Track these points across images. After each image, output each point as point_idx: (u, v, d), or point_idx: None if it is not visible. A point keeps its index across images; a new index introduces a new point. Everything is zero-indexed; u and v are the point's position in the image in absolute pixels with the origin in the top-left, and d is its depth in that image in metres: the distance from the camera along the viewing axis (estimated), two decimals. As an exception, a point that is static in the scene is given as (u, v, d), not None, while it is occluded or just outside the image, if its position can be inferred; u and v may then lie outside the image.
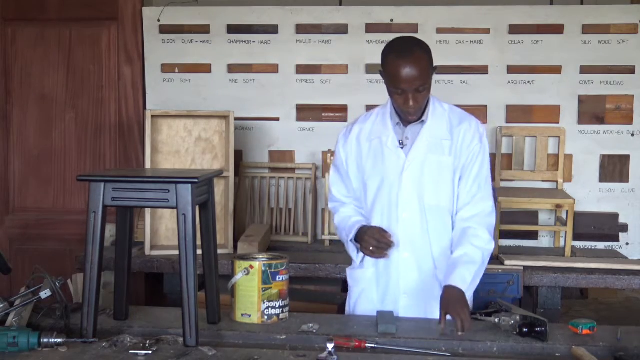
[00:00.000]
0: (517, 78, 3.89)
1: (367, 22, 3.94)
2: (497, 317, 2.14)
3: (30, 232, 4.13)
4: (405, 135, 2.35)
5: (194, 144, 3.59)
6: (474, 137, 2.33)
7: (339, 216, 2.49)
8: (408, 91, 2.19)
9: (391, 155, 2.34)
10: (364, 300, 2.45)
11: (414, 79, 2.17)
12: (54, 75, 4.10)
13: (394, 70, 2.18)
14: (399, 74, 2.17)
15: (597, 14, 3.83)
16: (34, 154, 4.14)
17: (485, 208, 2.33)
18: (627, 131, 3.86)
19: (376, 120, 2.42)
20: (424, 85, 2.20)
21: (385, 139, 2.35)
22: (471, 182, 2.33)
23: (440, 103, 2.38)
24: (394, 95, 2.25)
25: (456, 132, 2.33)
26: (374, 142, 2.38)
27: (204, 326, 2.13)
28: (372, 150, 2.38)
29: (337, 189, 2.51)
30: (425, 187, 2.31)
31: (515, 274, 3.15)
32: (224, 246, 3.46)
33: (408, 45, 2.22)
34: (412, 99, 2.20)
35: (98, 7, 4.04)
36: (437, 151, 2.32)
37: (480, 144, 2.33)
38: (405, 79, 2.16)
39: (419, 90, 2.20)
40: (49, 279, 2.07)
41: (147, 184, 2.03)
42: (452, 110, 2.38)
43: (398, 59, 2.18)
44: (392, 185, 2.33)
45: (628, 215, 3.86)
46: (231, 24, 4.01)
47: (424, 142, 2.32)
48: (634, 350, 1.99)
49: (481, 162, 2.33)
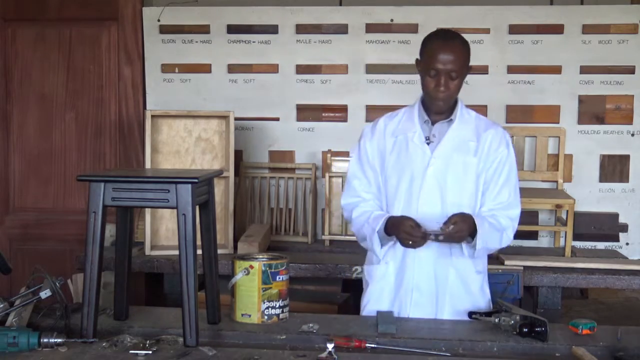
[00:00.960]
0: (517, 78, 3.89)
1: (367, 22, 3.94)
2: (497, 317, 2.14)
3: (30, 232, 4.13)
4: (432, 133, 2.36)
5: (194, 144, 3.59)
6: (500, 143, 2.36)
7: (358, 210, 2.44)
8: (441, 73, 2.24)
9: (417, 151, 2.35)
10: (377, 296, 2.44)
11: (450, 61, 2.23)
12: (54, 75, 4.11)
13: (432, 50, 2.26)
14: (436, 52, 2.24)
15: (597, 14, 3.83)
16: (34, 153, 4.14)
17: (511, 214, 2.37)
18: (627, 131, 3.86)
19: (403, 118, 2.43)
20: (457, 72, 2.25)
21: (412, 135, 2.37)
22: (499, 188, 2.36)
23: (467, 109, 2.42)
24: (427, 79, 2.29)
25: (483, 137, 2.36)
26: (400, 137, 2.39)
27: (204, 326, 2.13)
28: (397, 145, 2.39)
29: (358, 182, 2.46)
30: (448, 184, 2.32)
31: (515, 274, 3.15)
32: (224, 246, 3.46)
33: (452, 33, 2.34)
34: (444, 84, 2.25)
35: (98, 7, 4.05)
36: (463, 151, 2.33)
37: (508, 150, 2.37)
38: (442, 59, 2.23)
39: (451, 76, 2.25)
40: (49, 279, 2.07)
41: (147, 184, 2.03)
42: (479, 117, 2.43)
43: (439, 40, 2.28)
44: (414, 180, 2.33)
45: (628, 215, 3.86)
46: (231, 24, 4.01)
47: (450, 140, 2.34)
48: (634, 350, 1.99)
49: (509, 169, 2.37)
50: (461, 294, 2.37)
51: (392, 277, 2.41)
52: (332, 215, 3.78)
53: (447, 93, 2.28)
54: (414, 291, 2.36)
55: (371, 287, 2.47)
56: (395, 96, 3.91)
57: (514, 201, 2.38)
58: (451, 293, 2.36)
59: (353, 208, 2.46)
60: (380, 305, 2.42)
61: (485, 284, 2.46)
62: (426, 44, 2.32)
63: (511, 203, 2.37)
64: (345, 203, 2.50)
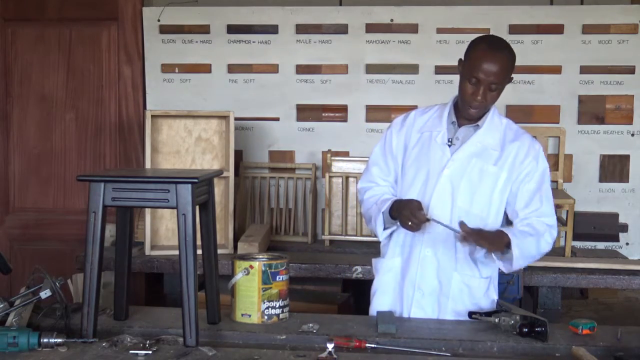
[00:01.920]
0: (517, 78, 3.84)
1: (367, 22, 3.94)
2: (497, 317, 2.14)
3: (30, 232, 4.13)
4: (457, 136, 2.35)
5: (194, 144, 3.59)
6: (527, 155, 2.31)
7: (371, 192, 2.43)
8: (482, 83, 2.20)
9: (437, 151, 2.34)
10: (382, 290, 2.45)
11: (493, 73, 2.19)
12: (54, 75, 4.11)
13: (478, 58, 2.20)
14: (481, 62, 2.19)
15: (597, 14, 3.82)
16: (34, 153, 4.14)
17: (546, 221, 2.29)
18: (627, 131, 3.86)
19: (433, 115, 2.41)
20: (498, 84, 2.22)
21: (436, 134, 2.35)
22: (529, 197, 2.29)
23: (499, 116, 2.39)
24: (466, 84, 2.25)
25: (508, 148, 2.32)
26: (425, 134, 2.38)
27: (204, 326, 2.13)
28: (420, 142, 2.38)
29: (378, 169, 2.46)
30: (461, 189, 2.30)
31: (515, 274, 3.14)
32: (224, 246, 3.46)
33: (501, 43, 2.26)
34: (482, 94, 2.22)
35: (98, 7, 4.04)
36: (483, 158, 2.30)
37: (536, 162, 2.31)
38: (486, 69, 2.19)
39: (491, 87, 2.22)
40: (49, 279, 2.07)
41: (147, 184, 2.03)
42: (509, 126, 2.38)
43: (487, 49, 2.21)
44: (429, 180, 2.33)
45: (628, 215, 3.86)
46: (231, 24, 4.01)
47: (472, 145, 2.31)
48: (634, 350, 1.99)
49: (540, 180, 2.31)
50: (464, 298, 2.35)
51: (397, 273, 2.42)
52: (332, 215, 3.78)
53: (483, 103, 2.25)
54: (416, 290, 2.36)
55: (378, 279, 2.48)
56: (395, 96, 3.92)
57: (548, 210, 2.30)
58: (454, 297, 2.35)
59: (367, 190, 2.46)
60: (386, 296, 2.43)
61: (493, 289, 2.41)
62: (473, 49, 2.25)
63: (545, 211, 2.29)
64: (361, 186, 2.51)
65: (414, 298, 2.36)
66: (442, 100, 2.49)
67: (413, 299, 2.37)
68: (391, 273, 2.43)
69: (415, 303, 2.36)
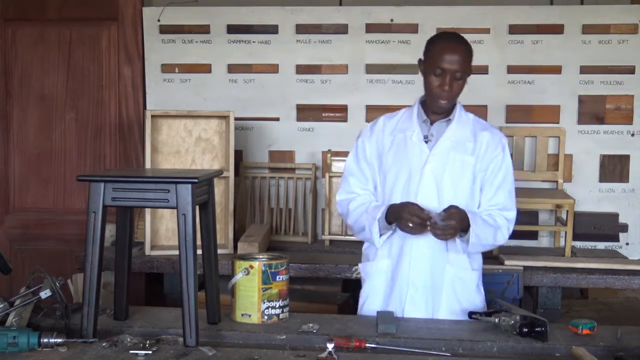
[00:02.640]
0: (517, 78, 3.89)
1: (367, 22, 3.94)
2: (497, 317, 2.14)
3: (30, 232, 4.13)
4: (431, 132, 2.40)
5: (194, 144, 3.59)
6: (497, 146, 2.40)
7: (355, 203, 2.45)
8: (447, 73, 2.28)
9: (415, 149, 2.38)
10: (373, 293, 2.46)
11: (456, 61, 2.28)
12: (54, 75, 4.11)
13: (438, 50, 2.30)
14: (443, 53, 2.29)
15: (597, 14, 3.83)
16: (34, 153, 4.14)
17: (507, 215, 2.40)
18: (627, 131, 3.86)
19: (402, 118, 2.47)
20: (461, 73, 2.30)
21: (410, 134, 2.40)
22: (494, 191, 2.39)
23: (465, 112, 2.46)
24: (431, 78, 2.32)
25: (479, 137, 2.40)
26: (398, 136, 2.43)
27: (204, 326, 2.13)
28: (395, 143, 2.42)
29: (355, 179, 2.48)
30: (445, 182, 2.35)
31: (515, 274, 3.15)
32: (224, 246, 3.46)
33: (458, 35, 2.39)
34: (449, 83, 2.29)
35: (98, 7, 4.05)
36: (460, 150, 2.37)
37: (503, 154, 2.40)
38: (448, 59, 2.28)
39: (456, 76, 2.29)
40: (49, 279, 2.07)
41: (147, 184, 2.03)
42: (476, 119, 2.47)
43: (446, 41, 2.34)
44: (412, 177, 2.36)
45: (628, 215, 3.86)
46: (231, 24, 4.01)
47: (448, 139, 2.38)
48: (634, 350, 1.99)
49: (505, 172, 2.41)
50: (457, 290, 2.39)
51: (388, 274, 2.43)
52: (332, 215, 3.77)
53: (451, 93, 2.32)
54: (409, 287, 2.38)
55: (367, 284, 2.49)
56: (395, 96, 3.91)
57: (510, 204, 2.41)
58: (447, 290, 2.38)
59: (349, 202, 2.47)
60: (376, 301, 2.44)
61: (480, 283, 2.48)
62: (432, 44, 2.36)
63: (507, 206, 2.40)
64: (340, 199, 2.52)
65: (408, 295, 2.38)
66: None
67: (407, 296, 2.38)
68: (382, 275, 2.44)
69: (409, 300, 2.38)
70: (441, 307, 2.38)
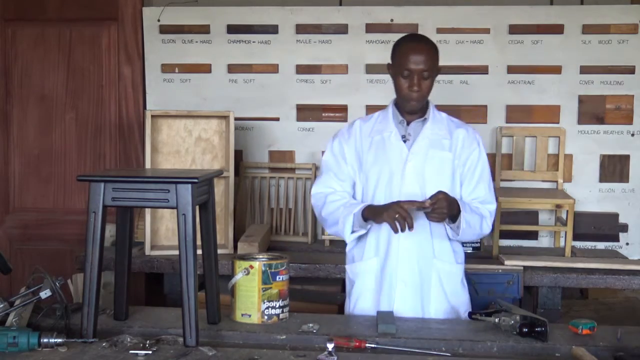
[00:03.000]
0: (517, 78, 3.89)
1: (367, 22, 3.94)
2: (497, 317, 2.14)
3: (30, 232, 4.13)
4: (408, 132, 2.46)
5: (194, 144, 3.59)
6: (472, 141, 2.48)
7: (333, 196, 2.45)
8: (414, 73, 2.34)
9: (394, 149, 2.43)
10: (364, 293, 2.47)
11: (422, 61, 2.34)
12: (54, 75, 4.10)
13: (404, 52, 2.37)
14: (408, 54, 2.35)
15: (597, 14, 3.82)
16: (34, 153, 4.14)
17: (488, 207, 2.46)
18: (627, 131, 3.86)
19: (378, 119, 2.52)
20: (429, 72, 2.35)
21: (388, 134, 2.45)
22: (474, 185, 2.46)
23: (438, 111, 2.52)
24: (399, 81, 2.38)
25: (455, 134, 2.47)
26: (376, 137, 2.47)
27: (204, 326, 2.13)
28: (374, 144, 2.46)
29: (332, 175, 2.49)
30: (427, 179, 2.40)
31: (515, 274, 3.15)
32: (224, 246, 3.46)
33: (421, 36, 2.49)
34: (417, 84, 2.35)
35: (98, 7, 4.04)
36: (438, 147, 2.43)
37: (479, 150, 2.48)
38: (414, 59, 2.34)
39: (423, 75, 2.35)
40: (49, 279, 2.07)
41: (147, 184, 2.03)
42: (449, 118, 2.54)
43: (410, 42, 2.41)
44: (393, 177, 2.40)
45: (628, 215, 3.86)
46: (231, 24, 4.00)
47: (426, 138, 2.43)
48: (634, 350, 1.99)
49: (482, 166, 2.47)
50: (444, 284, 2.44)
51: (377, 272, 2.45)
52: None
53: (421, 93, 2.37)
54: (399, 284, 2.40)
55: (357, 284, 2.50)
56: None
57: (490, 197, 2.48)
58: (435, 284, 2.42)
59: (327, 195, 2.47)
60: (367, 300, 2.46)
61: (464, 277, 2.53)
62: (397, 48, 2.42)
63: (487, 199, 2.47)
64: (317, 191, 2.52)
65: (397, 291, 2.40)
66: (442, 100, 2.53)
67: (396, 293, 2.40)
68: (371, 274, 2.46)
69: (399, 296, 2.40)
70: (431, 301, 2.42)
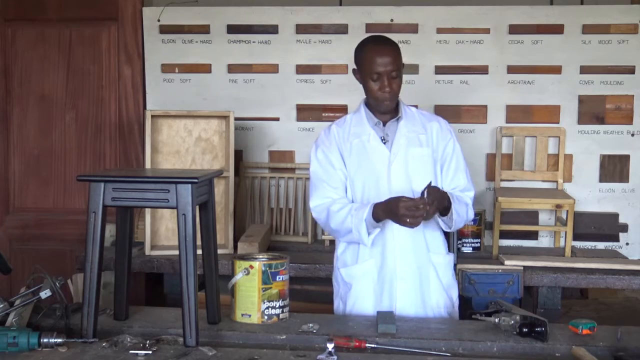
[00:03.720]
0: (517, 78, 3.89)
1: (367, 22, 3.94)
2: (497, 317, 2.14)
3: (30, 232, 4.13)
4: (386, 132, 2.48)
5: (194, 144, 3.59)
6: (446, 133, 2.53)
7: (336, 206, 2.43)
8: (383, 75, 2.38)
9: (375, 152, 2.45)
10: (362, 295, 2.47)
11: (389, 62, 2.37)
12: (54, 75, 4.10)
13: (370, 56, 2.40)
14: (374, 58, 2.38)
15: (597, 14, 3.82)
16: (34, 154, 4.14)
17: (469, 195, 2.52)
18: (627, 131, 3.86)
19: (351, 123, 2.53)
20: (397, 71, 2.39)
21: (367, 137, 2.47)
22: (452, 174, 2.51)
23: (407, 107, 2.57)
24: (369, 84, 2.42)
25: (429, 127, 2.52)
26: (354, 141, 2.48)
27: (204, 326, 2.13)
28: (354, 148, 2.48)
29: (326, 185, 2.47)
30: (412, 176, 2.43)
31: (515, 274, 3.15)
32: (224, 246, 3.46)
33: (380, 37, 2.51)
34: (388, 84, 2.38)
35: (98, 7, 4.04)
36: (416, 144, 2.47)
37: (454, 141, 2.54)
38: (381, 62, 2.37)
39: (392, 75, 2.39)
40: (49, 279, 2.07)
41: (147, 184, 2.03)
42: (420, 112, 2.59)
43: (374, 46, 2.43)
44: (380, 179, 2.43)
45: (628, 215, 3.86)
46: (231, 24, 4.00)
47: (404, 136, 2.47)
48: (634, 350, 1.99)
49: (457, 155, 2.53)
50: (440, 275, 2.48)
51: (374, 274, 2.46)
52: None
53: (392, 92, 2.41)
54: (399, 282, 2.42)
55: (354, 288, 2.49)
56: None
57: (469, 185, 2.53)
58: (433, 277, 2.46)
59: (329, 206, 2.45)
60: (365, 303, 2.46)
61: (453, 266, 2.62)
62: (361, 53, 2.45)
63: (466, 187, 2.51)
64: (316, 204, 2.49)
65: (398, 290, 2.41)
66: (442, 100, 2.52)
67: (397, 292, 2.41)
68: (369, 276, 2.47)
69: (400, 295, 2.41)
70: (431, 295, 2.45)
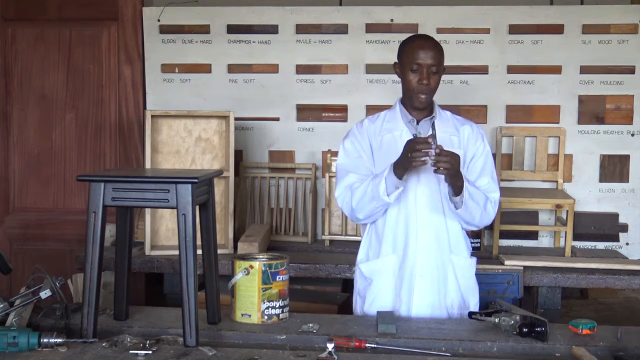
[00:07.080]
0: (517, 78, 3.89)
1: (367, 22, 3.94)
2: (497, 317, 2.14)
3: (30, 232, 4.13)
4: (418, 130, 2.47)
5: (194, 144, 3.59)
6: (477, 137, 2.52)
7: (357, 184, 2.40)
8: (423, 67, 2.38)
9: None
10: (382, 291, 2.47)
11: (431, 57, 2.38)
12: (54, 75, 4.11)
13: (413, 48, 2.41)
14: (417, 50, 2.39)
15: (597, 14, 3.83)
16: (34, 154, 4.14)
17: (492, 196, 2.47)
18: (627, 131, 3.86)
19: (385, 119, 2.53)
20: (437, 66, 2.39)
21: (399, 134, 2.46)
22: (477, 175, 2.47)
23: (442, 110, 2.56)
24: (408, 75, 2.41)
25: (461, 131, 2.51)
26: (386, 136, 2.48)
27: (204, 326, 2.13)
28: (385, 144, 2.47)
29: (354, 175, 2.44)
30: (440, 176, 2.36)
31: (515, 274, 3.15)
32: (224, 246, 3.46)
33: (427, 36, 2.54)
34: (426, 77, 2.38)
35: (98, 7, 4.04)
36: (448, 145, 2.40)
37: (484, 143, 2.53)
38: (423, 54, 2.38)
39: (432, 70, 2.39)
40: (49, 279, 2.07)
41: (147, 184, 2.03)
42: (454, 115, 2.58)
43: (418, 39, 2.47)
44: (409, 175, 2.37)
45: (628, 215, 3.86)
46: (231, 24, 4.01)
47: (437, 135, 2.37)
48: (634, 350, 1.99)
49: (485, 159, 2.51)
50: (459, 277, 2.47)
51: (395, 269, 2.46)
52: (332, 215, 3.78)
53: (429, 86, 2.40)
54: (417, 280, 2.41)
55: (375, 283, 2.49)
56: (395, 96, 3.85)
57: (493, 186, 2.49)
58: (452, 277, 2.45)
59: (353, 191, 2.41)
60: (385, 299, 2.46)
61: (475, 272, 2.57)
62: (405, 46, 2.46)
63: (490, 188, 2.48)
64: (340, 192, 2.47)
65: (416, 287, 2.41)
66: (442, 100, 2.52)
67: (415, 289, 2.41)
68: (389, 271, 2.47)
69: (418, 292, 2.41)
70: (447, 294, 2.44)
